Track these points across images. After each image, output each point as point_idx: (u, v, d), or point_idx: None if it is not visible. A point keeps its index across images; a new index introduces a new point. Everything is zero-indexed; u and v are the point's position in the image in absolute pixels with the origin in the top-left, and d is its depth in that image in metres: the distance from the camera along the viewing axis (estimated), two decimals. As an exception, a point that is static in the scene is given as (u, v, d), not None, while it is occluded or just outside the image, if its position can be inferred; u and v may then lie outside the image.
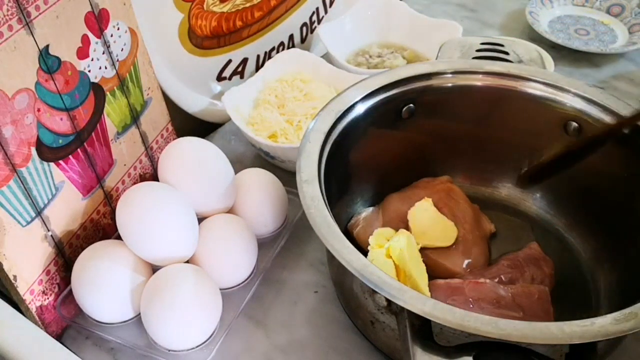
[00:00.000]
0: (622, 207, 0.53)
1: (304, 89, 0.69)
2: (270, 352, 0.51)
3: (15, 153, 0.44)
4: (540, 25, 0.89)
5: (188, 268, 0.49)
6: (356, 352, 0.50)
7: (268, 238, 0.57)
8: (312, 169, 0.47)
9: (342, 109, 0.53)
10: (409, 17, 0.82)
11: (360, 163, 0.56)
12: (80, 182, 0.51)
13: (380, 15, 0.83)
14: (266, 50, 0.79)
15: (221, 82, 0.74)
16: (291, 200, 0.58)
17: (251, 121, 0.67)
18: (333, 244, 0.42)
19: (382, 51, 0.82)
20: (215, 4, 0.68)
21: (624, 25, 0.90)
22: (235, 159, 0.66)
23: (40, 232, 0.48)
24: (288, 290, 0.55)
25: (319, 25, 0.84)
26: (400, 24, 0.83)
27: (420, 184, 0.59)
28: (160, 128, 0.61)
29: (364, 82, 0.55)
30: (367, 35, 0.83)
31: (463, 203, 0.56)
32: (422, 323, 0.38)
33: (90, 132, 0.51)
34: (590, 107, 0.54)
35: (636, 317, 0.37)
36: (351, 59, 0.81)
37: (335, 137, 0.51)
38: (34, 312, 0.49)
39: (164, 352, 0.48)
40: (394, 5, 0.83)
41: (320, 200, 0.45)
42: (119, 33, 0.53)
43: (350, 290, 0.48)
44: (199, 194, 0.53)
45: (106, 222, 0.55)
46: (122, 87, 0.54)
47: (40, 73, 0.45)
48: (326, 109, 0.53)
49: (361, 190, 0.59)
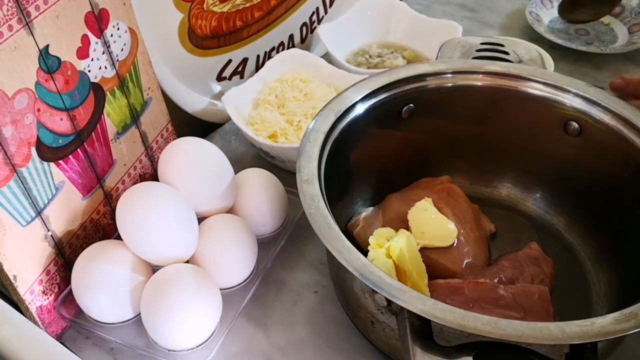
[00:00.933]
0: (621, 207, 0.53)
1: (304, 89, 0.69)
2: (270, 352, 0.51)
3: (15, 153, 0.44)
4: (540, 25, 0.89)
5: (188, 268, 0.49)
6: (356, 352, 0.50)
7: (268, 238, 0.57)
8: (312, 169, 0.47)
9: (342, 109, 0.53)
10: (409, 17, 0.82)
11: (360, 163, 0.56)
12: (80, 182, 0.51)
13: (380, 16, 0.83)
14: (266, 50, 0.79)
15: (221, 82, 0.74)
16: (291, 200, 0.58)
17: (251, 121, 0.67)
18: (333, 244, 0.42)
19: (382, 51, 0.82)
20: (215, 4, 0.68)
21: (624, 25, 0.90)
22: (235, 159, 0.66)
23: (40, 232, 0.48)
24: (288, 290, 0.55)
25: (319, 25, 0.84)
26: (400, 24, 0.83)
27: (420, 184, 0.59)
28: (160, 128, 0.61)
29: (364, 82, 0.55)
30: (367, 35, 0.83)
31: (463, 203, 0.56)
32: (422, 323, 0.38)
33: (90, 132, 0.51)
34: (591, 107, 0.54)
35: (636, 317, 0.37)
36: (351, 59, 0.81)
37: (335, 137, 0.51)
38: (34, 312, 0.49)
39: (164, 352, 0.48)
40: (394, 6, 0.83)
41: (320, 200, 0.45)
42: (119, 33, 0.53)
43: (350, 290, 0.48)
44: (199, 194, 0.53)
45: (106, 222, 0.55)
46: (122, 87, 0.54)
47: (40, 73, 0.45)
48: (326, 109, 0.53)
49: (361, 190, 0.59)
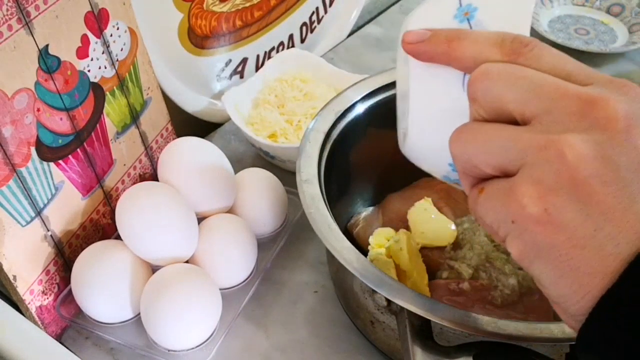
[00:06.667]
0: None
1: (303, 89, 0.69)
2: (270, 352, 0.51)
3: (14, 153, 0.44)
4: (540, 25, 0.89)
5: (188, 268, 0.49)
6: (356, 352, 0.50)
7: (268, 238, 0.57)
8: (312, 169, 0.47)
9: (342, 109, 0.53)
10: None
11: (360, 163, 0.56)
12: (79, 182, 0.51)
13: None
14: (266, 50, 0.78)
15: (221, 82, 0.74)
16: (291, 200, 0.58)
17: (251, 121, 0.67)
18: (333, 244, 0.42)
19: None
20: (215, 3, 0.68)
21: (624, 25, 0.90)
22: (235, 159, 0.66)
23: (40, 232, 0.48)
24: (288, 290, 0.55)
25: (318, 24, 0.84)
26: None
27: (420, 183, 0.59)
28: (160, 128, 0.61)
29: (364, 82, 0.55)
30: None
31: (463, 203, 0.56)
32: (422, 323, 0.38)
33: (90, 132, 0.51)
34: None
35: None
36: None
37: (335, 137, 0.51)
38: (34, 312, 0.48)
39: (163, 352, 0.48)
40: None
41: (320, 200, 0.45)
42: (119, 33, 0.53)
43: (350, 290, 0.48)
44: (198, 194, 0.53)
45: (106, 222, 0.55)
46: (121, 86, 0.54)
47: (40, 73, 0.45)
48: (326, 109, 0.52)
49: (361, 190, 0.59)
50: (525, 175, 0.26)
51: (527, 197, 0.26)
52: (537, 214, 0.25)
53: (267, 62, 0.73)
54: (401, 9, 0.98)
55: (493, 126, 0.28)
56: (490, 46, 0.29)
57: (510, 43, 0.28)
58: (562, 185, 0.25)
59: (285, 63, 0.73)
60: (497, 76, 0.28)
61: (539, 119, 0.26)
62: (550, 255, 0.26)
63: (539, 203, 0.25)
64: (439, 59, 0.31)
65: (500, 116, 0.28)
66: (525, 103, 0.27)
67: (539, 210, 0.25)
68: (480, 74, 0.28)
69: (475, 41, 0.29)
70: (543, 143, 0.25)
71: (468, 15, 0.32)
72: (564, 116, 0.26)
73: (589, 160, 0.25)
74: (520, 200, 0.26)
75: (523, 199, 0.26)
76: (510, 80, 0.27)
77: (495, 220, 0.28)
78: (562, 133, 0.25)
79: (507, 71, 0.28)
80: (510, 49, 0.28)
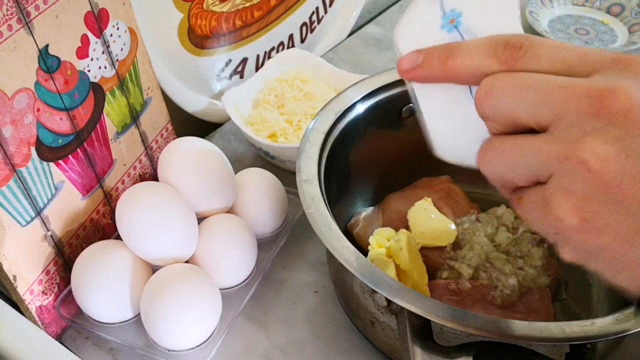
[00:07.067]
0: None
1: (303, 89, 0.69)
2: (270, 352, 0.51)
3: (14, 153, 0.44)
4: (540, 25, 0.89)
5: (188, 268, 0.49)
6: (356, 352, 0.50)
7: (268, 238, 0.57)
8: (312, 169, 0.47)
9: (342, 109, 0.53)
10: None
11: (360, 163, 0.56)
12: (79, 182, 0.51)
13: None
14: (266, 50, 0.78)
15: (221, 82, 0.74)
16: (291, 200, 0.58)
17: (251, 121, 0.67)
18: (333, 244, 0.42)
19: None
20: (215, 3, 0.68)
21: (624, 25, 0.90)
22: (235, 159, 0.66)
23: (40, 232, 0.48)
24: (288, 290, 0.55)
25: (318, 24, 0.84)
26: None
27: (420, 184, 0.59)
28: (160, 128, 0.61)
29: (364, 82, 0.55)
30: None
31: (463, 203, 0.56)
32: (422, 323, 0.38)
33: (90, 132, 0.51)
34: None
35: (636, 317, 0.37)
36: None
37: (335, 137, 0.51)
38: (34, 312, 0.48)
39: (163, 352, 0.48)
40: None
41: (320, 200, 0.45)
42: (119, 33, 0.53)
43: (350, 290, 0.48)
44: (198, 194, 0.53)
45: (106, 222, 0.55)
46: (121, 86, 0.54)
47: (40, 73, 0.45)
48: (326, 109, 0.53)
49: (361, 190, 0.59)
50: (555, 186, 0.26)
51: (562, 210, 0.26)
52: (576, 225, 0.26)
53: (267, 62, 0.73)
54: (401, 9, 0.98)
55: (514, 141, 0.28)
56: (485, 57, 0.28)
57: (503, 49, 0.28)
58: (592, 192, 0.25)
59: (285, 63, 0.73)
60: (501, 92, 0.27)
61: (555, 125, 0.26)
62: (601, 256, 0.26)
63: (576, 213, 0.26)
64: (438, 80, 0.31)
65: (517, 127, 0.28)
66: (536, 113, 0.26)
67: (577, 220, 0.26)
68: (484, 93, 0.28)
69: (469, 54, 0.29)
70: (564, 153, 0.25)
71: (455, 23, 0.31)
72: (578, 118, 0.25)
73: (612, 160, 0.25)
74: (557, 213, 0.26)
75: (559, 212, 0.26)
76: (514, 93, 0.27)
77: (541, 230, 0.28)
78: (581, 137, 0.25)
79: (509, 84, 0.27)
80: (506, 56, 0.28)
